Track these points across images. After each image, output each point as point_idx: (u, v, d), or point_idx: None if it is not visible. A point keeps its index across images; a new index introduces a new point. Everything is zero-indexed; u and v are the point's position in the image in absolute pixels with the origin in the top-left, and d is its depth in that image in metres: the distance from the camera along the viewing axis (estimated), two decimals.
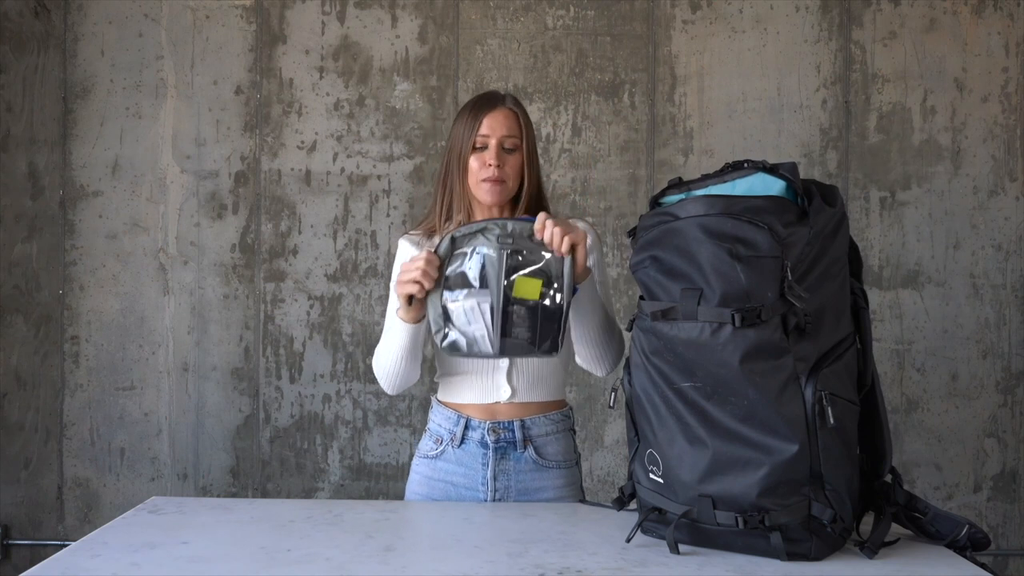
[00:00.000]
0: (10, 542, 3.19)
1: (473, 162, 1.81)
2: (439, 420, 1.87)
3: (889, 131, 3.17)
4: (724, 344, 1.34)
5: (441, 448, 1.84)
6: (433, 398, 1.91)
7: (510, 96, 1.87)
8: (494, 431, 1.80)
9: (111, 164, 3.20)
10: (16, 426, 3.19)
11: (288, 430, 3.18)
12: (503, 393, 1.82)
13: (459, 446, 1.82)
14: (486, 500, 1.80)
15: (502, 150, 1.81)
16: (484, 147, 1.81)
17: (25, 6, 3.19)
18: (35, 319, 3.19)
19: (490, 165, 1.79)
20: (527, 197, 1.85)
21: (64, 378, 3.20)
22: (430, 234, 1.89)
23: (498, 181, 1.80)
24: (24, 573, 1.30)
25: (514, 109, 1.83)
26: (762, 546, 1.38)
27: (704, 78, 3.19)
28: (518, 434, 1.81)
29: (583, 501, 1.83)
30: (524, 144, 1.82)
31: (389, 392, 1.85)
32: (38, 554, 3.16)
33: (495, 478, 1.80)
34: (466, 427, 1.81)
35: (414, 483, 1.88)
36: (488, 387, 1.82)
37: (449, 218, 1.86)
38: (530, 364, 1.83)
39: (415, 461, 1.90)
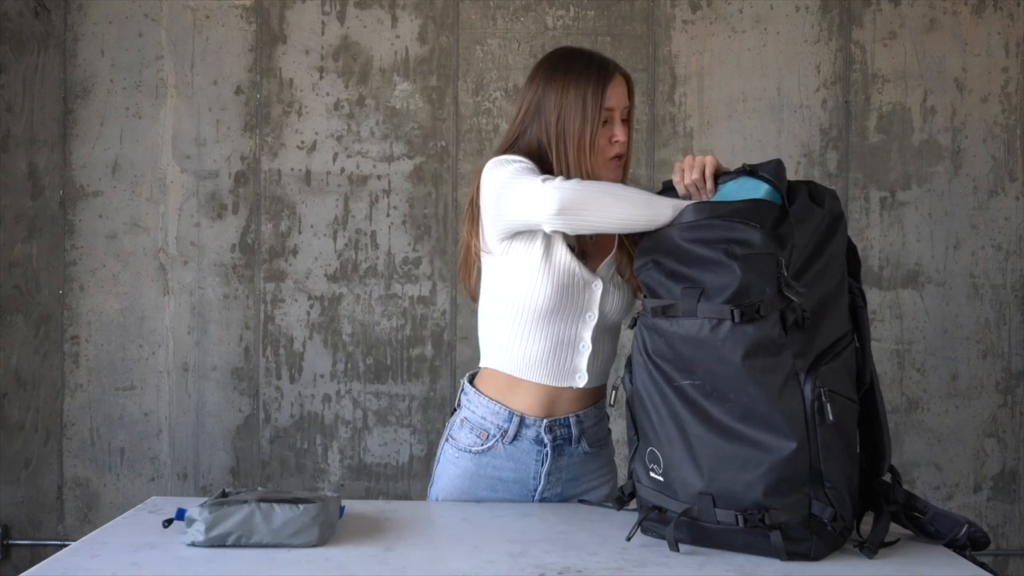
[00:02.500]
0: (10, 542, 3.19)
1: (601, 139, 1.67)
2: (483, 413, 1.74)
3: (889, 131, 3.17)
4: (723, 340, 1.35)
5: (489, 444, 1.73)
6: (469, 386, 1.79)
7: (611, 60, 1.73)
8: (551, 429, 1.72)
9: (111, 164, 3.20)
10: (16, 426, 3.19)
11: (288, 430, 3.18)
12: (579, 379, 1.72)
13: (511, 442, 1.72)
14: (534, 494, 1.75)
15: (622, 123, 1.70)
16: (609, 121, 1.68)
17: (25, 6, 3.19)
18: (35, 319, 3.19)
19: (617, 141, 1.67)
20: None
21: (64, 378, 3.19)
22: None
23: (623, 158, 1.71)
24: (24, 573, 1.30)
25: (626, 74, 1.71)
26: (762, 545, 1.38)
27: (704, 78, 3.19)
28: (574, 430, 1.74)
29: (583, 501, 1.82)
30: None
31: (556, 207, 1.53)
32: (38, 554, 3.16)
33: (549, 474, 1.75)
34: (520, 424, 1.71)
35: (453, 476, 1.76)
36: (565, 371, 1.71)
37: None
38: (604, 346, 1.75)
39: (452, 453, 1.77)
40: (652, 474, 1.47)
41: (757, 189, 1.45)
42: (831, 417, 1.34)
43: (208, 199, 3.20)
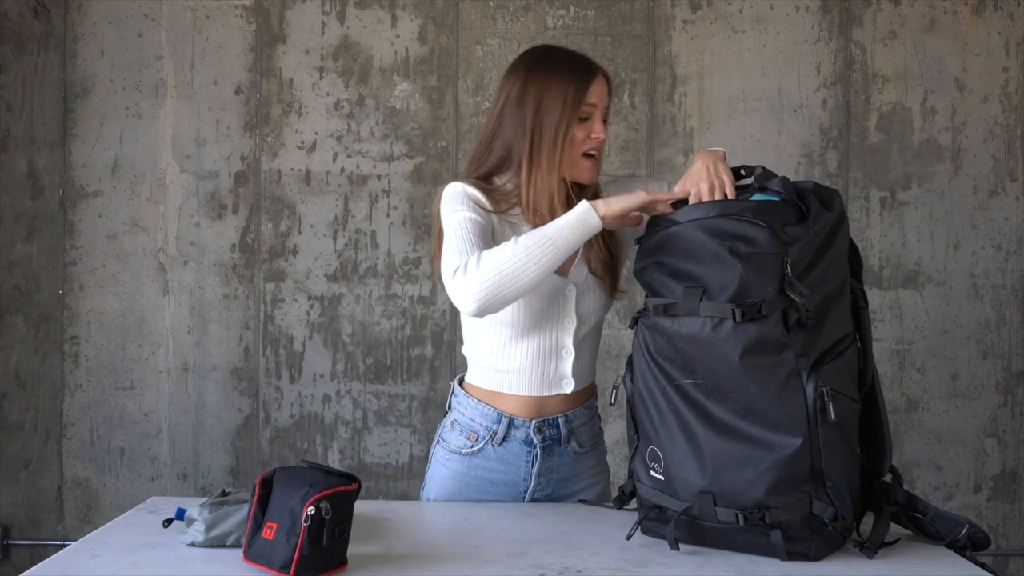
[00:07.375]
0: (10, 542, 3.19)
1: (579, 133, 1.64)
2: (472, 415, 1.75)
3: (889, 131, 3.17)
4: (725, 339, 1.35)
5: (478, 445, 1.73)
6: (458, 387, 1.81)
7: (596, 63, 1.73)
8: (540, 430, 1.71)
9: (111, 164, 3.20)
10: (16, 426, 3.19)
11: (288, 430, 3.18)
12: (566, 385, 1.72)
13: (500, 444, 1.72)
14: (525, 495, 1.75)
15: (603, 122, 1.67)
16: (589, 117, 1.65)
17: (25, 6, 3.19)
18: (35, 319, 3.19)
19: (596, 137, 1.64)
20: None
21: (64, 378, 3.19)
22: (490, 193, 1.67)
23: (597, 157, 1.68)
24: (24, 573, 1.30)
25: (607, 76, 1.69)
26: (762, 544, 1.38)
27: (704, 78, 3.19)
28: (563, 430, 1.73)
29: (583, 501, 1.82)
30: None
31: (475, 309, 1.52)
32: (38, 554, 3.16)
33: (539, 475, 1.74)
34: (509, 425, 1.71)
35: (443, 478, 1.76)
36: (551, 379, 1.70)
37: (519, 200, 1.67)
38: (587, 349, 1.73)
39: (443, 455, 1.77)
40: (652, 473, 1.47)
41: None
42: (833, 416, 1.34)
43: (208, 199, 3.20)
